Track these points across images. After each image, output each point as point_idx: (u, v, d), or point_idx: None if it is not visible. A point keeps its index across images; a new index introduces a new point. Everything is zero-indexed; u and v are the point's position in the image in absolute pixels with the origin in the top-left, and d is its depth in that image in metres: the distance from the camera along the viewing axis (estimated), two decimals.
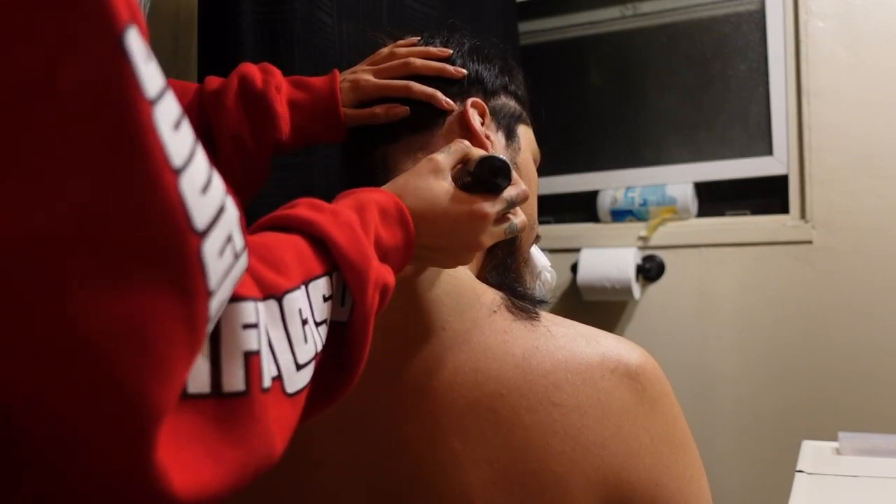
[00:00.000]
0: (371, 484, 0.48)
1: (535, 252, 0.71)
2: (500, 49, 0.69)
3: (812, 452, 0.88)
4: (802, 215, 1.44)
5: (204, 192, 0.26)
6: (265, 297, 0.33)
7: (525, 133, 0.67)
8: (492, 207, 0.50)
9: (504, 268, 0.63)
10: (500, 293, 0.52)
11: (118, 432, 0.24)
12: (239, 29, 0.84)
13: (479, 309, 0.50)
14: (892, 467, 0.82)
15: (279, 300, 0.34)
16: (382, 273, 0.43)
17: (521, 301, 0.52)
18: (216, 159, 0.62)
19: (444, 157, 0.52)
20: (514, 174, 0.54)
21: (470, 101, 0.61)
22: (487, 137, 0.61)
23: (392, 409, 0.48)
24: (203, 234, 0.25)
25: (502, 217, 0.53)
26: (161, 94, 0.24)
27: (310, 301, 0.37)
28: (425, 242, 0.49)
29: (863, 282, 1.38)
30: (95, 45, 0.22)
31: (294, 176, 0.88)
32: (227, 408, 0.29)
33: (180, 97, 0.63)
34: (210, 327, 0.28)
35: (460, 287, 0.52)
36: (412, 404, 0.47)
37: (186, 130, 0.26)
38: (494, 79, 0.64)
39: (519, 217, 0.55)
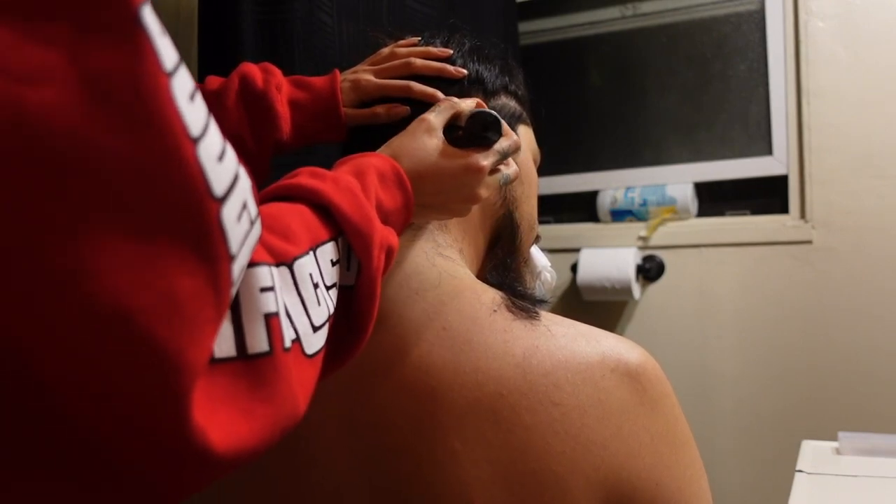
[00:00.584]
0: (371, 483, 0.48)
1: (536, 252, 0.71)
2: (501, 49, 0.69)
3: (812, 452, 0.88)
4: (802, 215, 1.44)
5: (220, 160, 0.27)
6: (277, 265, 0.34)
7: (525, 133, 0.67)
8: (485, 160, 0.53)
9: (504, 267, 0.63)
10: (501, 293, 0.52)
11: (157, 393, 0.24)
12: (239, 29, 0.84)
13: (479, 308, 0.50)
14: (892, 467, 0.82)
15: (290, 266, 0.35)
16: (386, 235, 0.44)
17: (522, 301, 0.52)
18: None
19: (435, 116, 0.54)
20: (505, 126, 0.56)
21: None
22: None
23: (392, 407, 0.48)
24: (222, 200, 0.26)
25: (495, 169, 0.55)
26: (177, 67, 0.25)
27: (319, 266, 0.38)
28: (424, 201, 0.51)
29: (863, 282, 1.38)
30: (116, 24, 0.23)
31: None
32: (254, 368, 0.30)
33: None
34: (234, 291, 0.29)
35: (460, 287, 0.52)
36: (412, 404, 0.47)
37: (200, 102, 0.26)
38: (495, 79, 0.64)
39: (511, 167, 0.57)
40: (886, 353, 1.36)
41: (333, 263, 0.40)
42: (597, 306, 1.59)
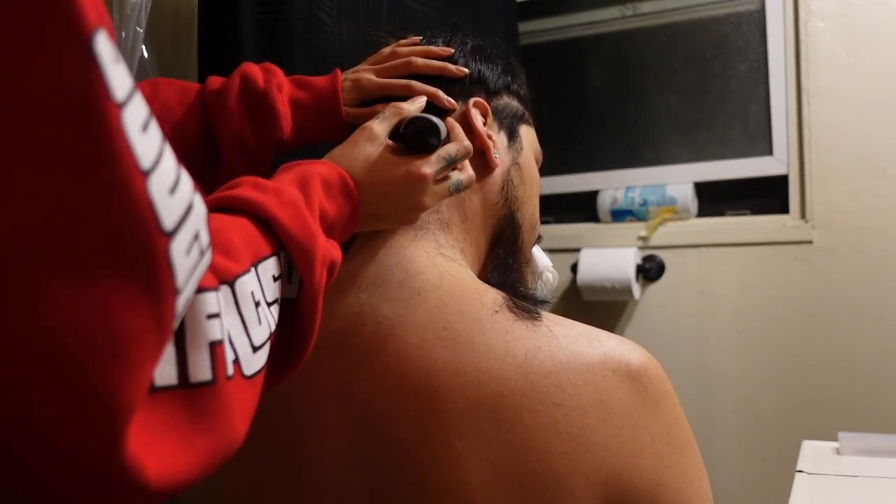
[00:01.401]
0: (372, 483, 0.48)
1: (537, 252, 0.71)
2: (503, 49, 0.69)
3: (812, 452, 0.88)
4: (802, 215, 1.44)
5: (172, 192, 0.26)
6: (220, 285, 0.34)
7: (527, 133, 0.67)
8: (428, 167, 0.52)
9: (506, 268, 0.63)
10: (502, 293, 0.52)
11: (90, 432, 0.24)
12: (239, 29, 0.83)
13: (480, 309, 0.50)
14: (892, 467, 0.82)
15: (231, 285, 0.35)
16: (329, 249, 0.44)
17: (523, 301, 0.52)
18: (219, 160, 0.63)
19: (378, 124, 0.54)
20: (457, 130, 0.56)
21: (472, 100, 0.61)
22: (489, 137, 0.61)
23: (394, 408, 0.48)
24: (171, 235, 0.26)
25: (444, 175, 0.55)
26: (129, 97, 0.24)
27: (260, 283, 0.37)
28: (369, 210, 0.51)
29: (863, 282, 1.38)
30: (65, 49, 0.22)
31: None
32: (196, 397, 0.30)
33: (183, 98, 0.64)
34: (177, 324, 0.29)
35: (462, 287, 0.52)
36: (414, 404, 0.47)
37: (154, 131, 0.26)
38: (497, 78, 0.64)
39: (465, 173, 0.57)
40: (886, 353, 1.36)
41: (275, 279, 0.40)
42: (597, 306, 1.59)
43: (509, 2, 1.48)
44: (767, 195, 1.50)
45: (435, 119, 0.53)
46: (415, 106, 0.57)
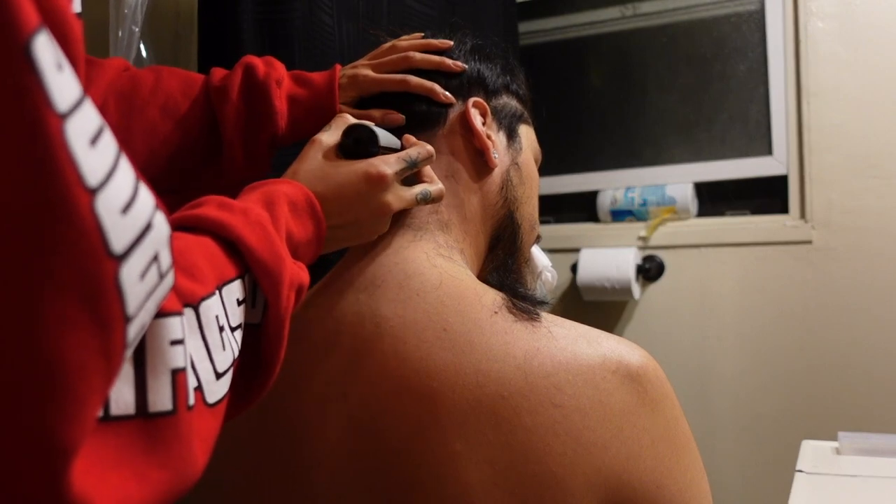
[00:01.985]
0: (372, 484, 0.48)
1: (536, 252, 0.71)
2: (502, 49, 0.69)
3: (812, 452, 0.88)
4: (802, 215, 1.44)
5: (125, 211, 0.24)
6: (184, 307, 0.32)
7: (527, 133, 0.67)
8: (388, 167, 0.51)
9: (505, 269, 0.62)
10: (502, 294, 0.52)
11: (30, 473, 0.22)
12: (239, 29, 0.83)
13: (480, 310, 0.50)
14: (892, 467, 0.82)
15: (195, 308, 0.33)
16: (297, 272, 0.42)
17: (522, 302, 0.52)
18: (221, 151, 0.63)
19: (328, 135, 0.53)
20: (416, 141, 0.55)
21: (471, 100, 0.61)
22: (489, 137, 0.61)
23: (393, 410, 0.48)
24: (121, 258, 0.24)
25: (412, 182, 0.54)
26: (74, 107, 0.22)
27: (224, 307, 0.36)
28: (333, 223, 0.49)
29: (863, 282, 1.38)
30: None
31: None
32: (153, 428, 0.28)
33: (187, 90, 0.63)
34: (128, 353, 0.27)
35: (461, 288, 0.52)
36: (413, 405, 0.47)
37: (106, 144, 0.24)
38: (496, 78, 0.64)
39: (435, 185, 0.56)
40: (886, 353, 1.36)
41: (240, 303, 0.38)
42: (597, 306, 1.59)
43: (509, 2, 1.48)
44: (767, 195, 1.50)
45: (372, 126, 0.53)
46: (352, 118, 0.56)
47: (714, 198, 1.56)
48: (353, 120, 0.55)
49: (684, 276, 1.52)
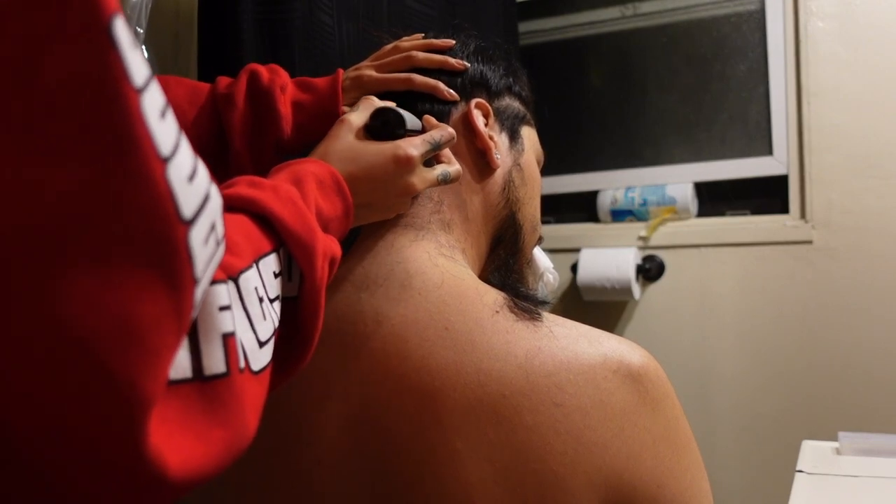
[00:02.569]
0: (373, 483, 0.48)
1: (538, 253, 0.71)
2: (505, 50, 0.69)
3: (812, 452, 0.88)
4: (802, 215, 1.44)
5: (190, 180, 0.26)
6: (227, 280, 0.33)
7: (529, 134, 0.67)
8: (414, 149, 0.52)
9: (507, 268, 0.63)
10: (503, 294, 0.52)
11: (111, 424, 0.24)
12: (239, 29, 0.83)
13: (481, 309, 0.50)
14: (892, 467, 0.82)
15: (236, 280, 0.34)
16: (329, 244, 0.44)
17: (524, 302, 0.52)
18: (228, 160, 0.63)
19: (356, 116, 0.54)
20: (437, 122, 0.57)
21: (474, 101, 0.61)
22: (491, 138, 0.61)
23: (393, 407, 0.48)
24: (190, 223, 0.26)
25: (430, 163, 0.55)
26: (147, 83, 0.24)
27: (262, 279, 0.37)
28: (360, 201, 0.50)
29: (863, 282, 1.38)
30: (84, 34, 0.22)
31: None
32: (210, 390, 0.29)
33: (194, 99, 0.64)
34: (195, 314, 0.28)
35: (463, 287, 0.52)
36: (414, 404, 0.47)
37: (171, 119, 0.25)
38: (499, 80, 0.64)
39: (453, 166, 0.57)
40: (886, 353, 1.36)
41: (276, 275, 0.39)
42: (597, 306, 1.59)
43: (509, 2, 1.48)
44: (767, 195, 1.50)
45: (399, 109, 0.55)
46: (382, 101, 0.57)
47: (714, 198, 1.56)
48: (379, 102, 0.57)
49: (684, 276, 1.52)
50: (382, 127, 0.54)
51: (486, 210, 0.61)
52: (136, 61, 0.23)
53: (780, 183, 1.48)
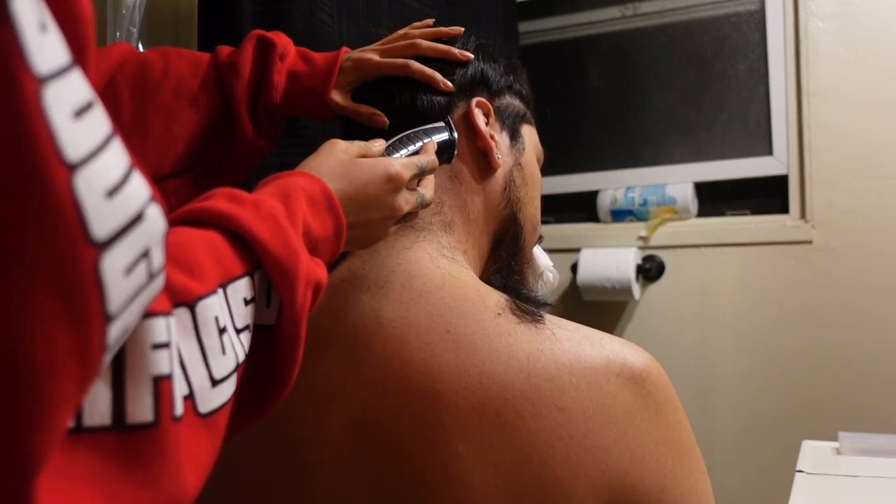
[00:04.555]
0: (375, 486, 0.48)
1: (538, 252, 0.71)
2: (506, 48, 0.69)
3: (812, 452, 0.88)
4: (802, 215, 1.44)
5: (111, 195, 0.22)
6: (176, 306, 0.29)
7: (529, 133, 0.67)
8: (405, 169, 0.50)
9: (508, 270, 0.62)
10: (505, 296, 0.52)
11: None
12: (239, 29, 0.83)
13: (483, 312, 0.50)
14: (892, 467, 0.82)
15: (191, 308, 0.30)
16: (313, 269, 0.40)
17: (526, 304, 0.52)
18: (234, 127, 0.63)
19: (348, 143, 0.51)
20: (430, 147, 0.55)
21: (475, 100, 0.61)
22: (492, 137, 0.60)
23: (396, 410, 0.48)
24: (102, 246, 0.22)
25: (413, 187, 0.53)
26: (57, 73, 0.20)
27: (229, 306, 0.33)
28: (351, 221, 0.47)
29: (863, 282, 1.38)
30: None
31: None
32: (132, 442, 0.25)
33: (197, 70, 0.64)
34: (108, 357, 0.24)
35: (465, 290, 0.52)
36: (416, 407, 0.47)
37: (95, 121, 0.22)
38: (500, 78, 0.64)
39: (428, 191, 0.54)
40: (886, 353, 1.36)
41: (247, 302, 0.35)
42: (597, 306, 1.59)
43: (509, 2, 1.48)
44: (767, 195, 1.50)
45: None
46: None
47: (714, 198, 1.56)
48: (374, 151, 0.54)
49: (684, 276, 1.52)
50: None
51: (487, 210, 0.61)
52: (42, 44, 0.20)
53: (780, 183, 1.48)
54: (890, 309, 1.36)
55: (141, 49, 0.88)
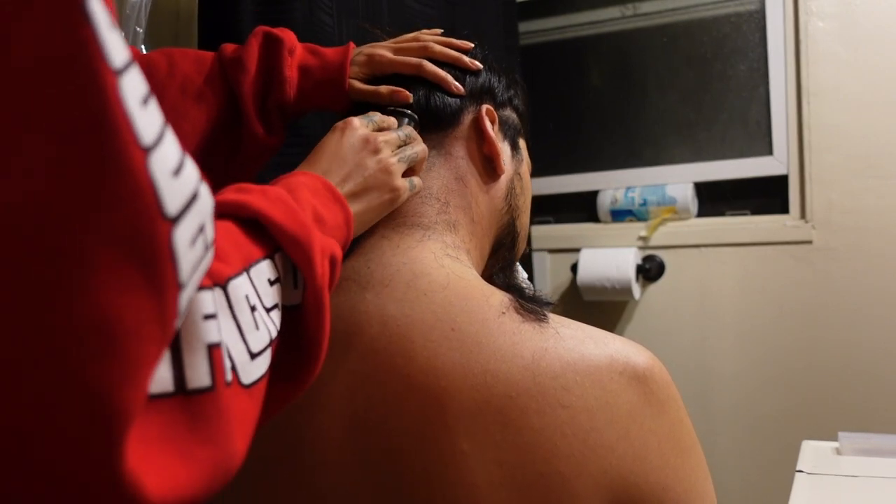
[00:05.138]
0: (379, 484, 0.48)
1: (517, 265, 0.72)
2: (508, 63, 0.71)
3: (812, 452, 0.88)
4: (802, 215, 1.44)
5: (176, 174, 0.24)
6: (213, 286, 0.31)
7: (524, 147, 0.69)
8: (356, 119, 0.54)
9: (512, 269, 0.63)
10: (509, 295, 0.52)
11: (85, 444, 0.21)
12: (239, 29, 0.83)
13: (487, 310, 0.50)
14: (892, 467, 0.82)
15: (224, 287, 0.32)
16: (328, 241, 0.42)
17: (529, 303, 0.52)
18: (240, 125, 0.63)
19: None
20: (416, 137, 0.58)
21: (484, 107, 0.62)
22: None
23: (400, 409, 0.48)
24: (174, 221, 0.23)
25: (408, 172, 0.56)
26: (127, 67, 0.22)
27: (254, 287, 0.35)
28: (348, 190, 0.50)
29: (863, 282, 1.38)
30: (55, 9, 0.20)
31: None
32: (193, 405, 0.27)
33: (201, 68, 0.64)
34: (179, 323, 0.26)
35: (469, 289, 0.52)
36: (420, 405, 0.47)
37: (155, 109, 0.24)
38: (503, 91, 0.66)
39: (418, 178, 0.58)
40: (886, 353, 1.36)
41: (272, 283, 0.37)
42: (597, 306, 1.59)
43: (509, 2, 1.48)
44: (767, 195, 1.50)
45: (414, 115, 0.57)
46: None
47: (714, 198, 1.56)
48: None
49: (684, 276, 1.52)
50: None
51: (490, 213, 0.62)
52: (114, 42, 0.22)
53: (780, 183, 1.48)
54: (890, 309, 1.36)
55: (144, 50, 0.88)
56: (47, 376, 0.21)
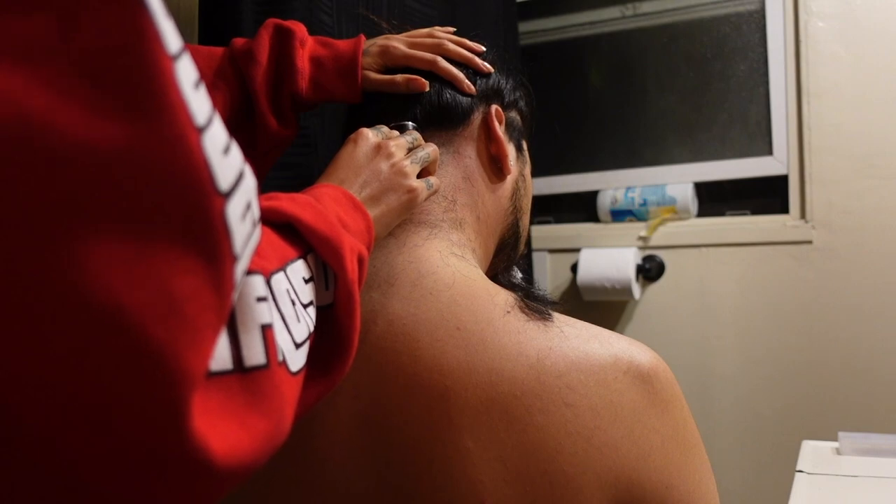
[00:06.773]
0: (384, 481, 0.48)
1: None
2: (516, 66, 0.71)
3: (812, 452, 0.88)
4: (802, 215, 1.44)
5: (225, 153, 0.25)
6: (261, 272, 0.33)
7: (527, 150, 0.69)
8: (369, 131, 0.55)
9: (511, 269, 0.63)
10: (514, 294, 0.53)
11: (154, 405, 0.22)
12: (239, 29, 0.83)
13: (492, 309, 0.50)
14: (892, 467, 0.82)
15: (268, 281, 0.33)
16: (356, 242, 0.44)
17: (534, 302, 0.52)
18: (253, 119, 0.63)
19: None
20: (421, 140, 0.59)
21: (493, 108, 0.63)
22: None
23: (405, 407, 0.48)
24: (227, 196, 0.25)
25: (423, 173, 0.56)
26: (181, 52, 0.24)
27: (292, 284, 0.37)
28: (366, 195, 0.51)
29: (863, 282, 1.38)
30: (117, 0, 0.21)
31: (294, 175, 0.88)
32: (251, 381, 0.29)
33: (211, 63, 0.65)
34: (235, 296, 0.27)
35: (474, 288, 0.52)
36: (425, 403, 0.47)
37: (204, 92, 0.25)
38: (511, 93, 0.66)
39: (434, 177, 0.58)
40: (886, 353, 1.36)
41: (307, 281, 0.39)
42: (597, 306, 1.59)
43: (509, 2, 1.48)
44: (767, 195, 1.50)
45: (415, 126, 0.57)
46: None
47: (714, 198, 1.56)
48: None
49: (684, 276, 1.52)
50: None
51: (496, 213, 0.63)
52: (170, 29, 0.23)
53: (780, 183, 1.48)
54: (890, 309, 1.36)
55: None
56: (109, 341, 0.21)
